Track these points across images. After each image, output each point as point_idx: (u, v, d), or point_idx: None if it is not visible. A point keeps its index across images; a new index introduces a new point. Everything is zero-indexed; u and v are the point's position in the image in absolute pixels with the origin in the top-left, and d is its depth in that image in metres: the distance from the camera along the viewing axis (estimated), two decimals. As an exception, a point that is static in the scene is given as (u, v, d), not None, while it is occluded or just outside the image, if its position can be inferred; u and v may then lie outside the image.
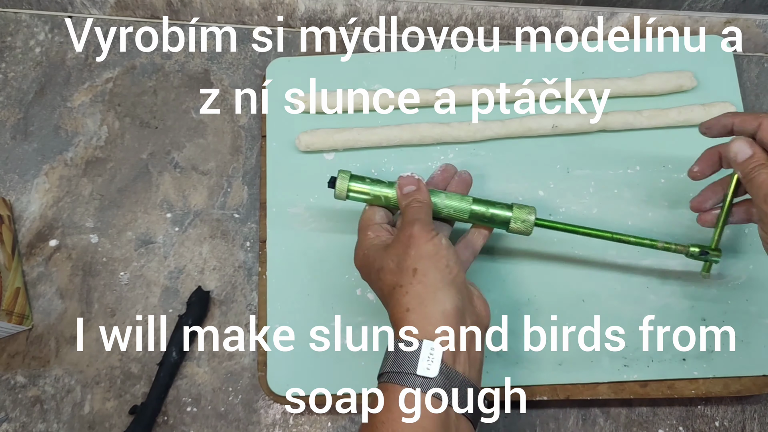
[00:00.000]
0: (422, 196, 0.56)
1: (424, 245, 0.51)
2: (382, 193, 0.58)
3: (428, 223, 0.53)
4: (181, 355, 0.66)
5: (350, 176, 0.58)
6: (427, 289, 0.49)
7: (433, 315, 0.48)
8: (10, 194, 0.72)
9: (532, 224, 0.58)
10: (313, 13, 0.76)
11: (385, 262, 0.52)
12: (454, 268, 0.51)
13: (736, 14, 0.74)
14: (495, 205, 0.59)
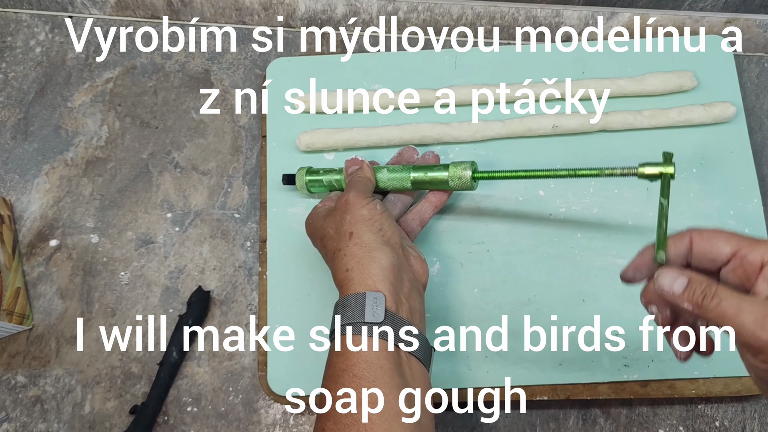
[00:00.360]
0: (362, 171, 0.61)
1: (358, 210, 0.55)
2: (333, 179, 0.64)
3: (364, 191, 0.58)
4: (181, 355, 0.66)
5: (306, 170, 0.65)
6: (362, 249, 0.52)
7: (371, 270, 0.51)
8: (10, 194, 0.72)
9: (469, 179, 0.60)
10: (313, 13, 0.76)
11: (326, 229, 0.56)
12: (388, 231, 0.55)
13: (737, 14, 0.74)
14: (433, 168, 0.61)
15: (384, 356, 0.48)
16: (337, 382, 0.47)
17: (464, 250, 0.66)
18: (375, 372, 0.47)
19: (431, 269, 0.66)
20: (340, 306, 0.51)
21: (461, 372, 0.63)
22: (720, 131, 0.69)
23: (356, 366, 0.47)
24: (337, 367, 0.48)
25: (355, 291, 0.50)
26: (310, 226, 0.60)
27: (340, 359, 0.48)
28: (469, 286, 0.65)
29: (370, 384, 0.46)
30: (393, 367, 0.48)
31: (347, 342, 0.49)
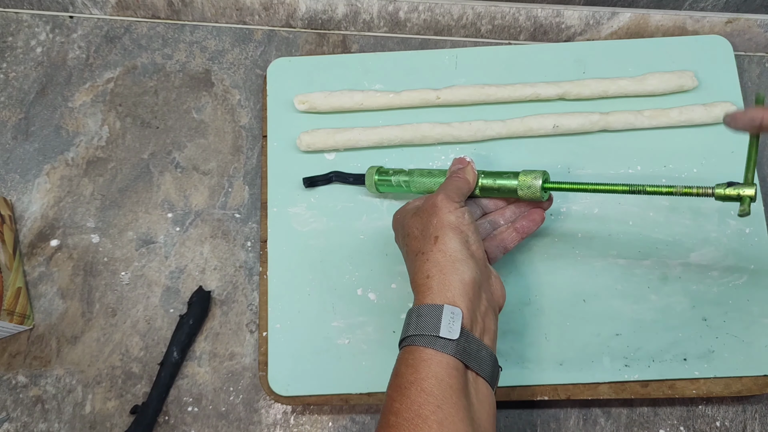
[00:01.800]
0: (463, 173, 0.59)
1: (445, 215, 0.53)
2: (401, 180, 0.64)
3: (454, 196, 0.55)
4: (182, 355, 0.66)
5: (376, 169, 0.65)
6: (446, 258, 0.50)
7: (453, 282, 0.49)
8: (11, 194, 0.72)
9: (538, 189, 0.58)
10: (314, 13, 0.76)
11: (411, 228, 0.54)
12: (474, 244, 0.52)
13: (737, 14, 0.74)
14: (502, 176, 0.59)
15: (454, 375, 0.46)
16: (404, 394, 0.46)
17: (465, 250, 0.66)
18: (444, 391, 0.46)
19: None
20: (415, 314, 0.49)
21: (462, 372, 0.63)
22: (721, 131, 0.69)
23: (425, 381, 0.46)
24: (405, 379, 0.47)
25: (433, 302, 0.49)
26: (397, 221, 0.58)
27: (409, 371, 0.47)
28: (469, 286, 0.65)
29: (439, 402, 0.45)
30: (462, 388, 0.47)
31: (418, 354, 0.47)
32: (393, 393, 0.47)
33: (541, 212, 0.60)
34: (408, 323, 0.50)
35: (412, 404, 0.45)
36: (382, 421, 0.46)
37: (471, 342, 0.48)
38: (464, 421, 0.45)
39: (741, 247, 0.65)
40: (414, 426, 0.44)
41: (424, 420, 0.44)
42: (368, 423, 0.65)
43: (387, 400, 0.47)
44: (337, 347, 0.64)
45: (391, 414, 0.46)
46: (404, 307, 0.64)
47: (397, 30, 0.77)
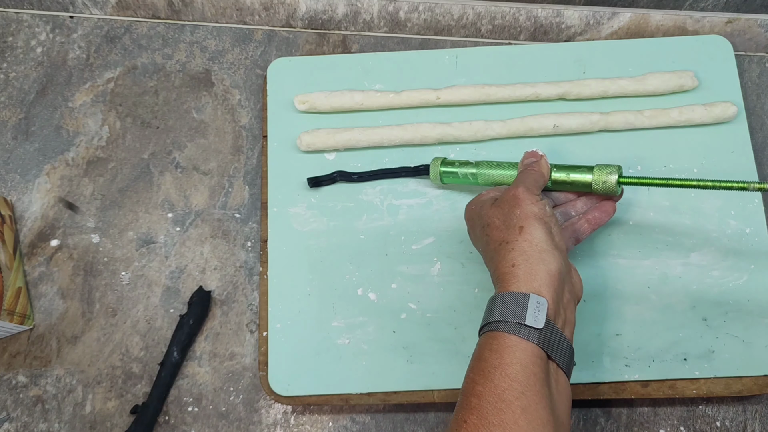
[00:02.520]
0: (538, 166, 0.60)
1: (528, 206, 0.53)
2: (468, 172, 0.64)
3: (534, 188, 0.56)
4: (182, 355, 0.66)
5: (441, 161, 0.66)
6: (532, 247, 0.51)
7: (538, 273, 0.49)
8: (11, 194, 0.72)
9: (614, 184, 0.58)
10: (314, 13, 0.76)
11: (492, 219, 0.54)
12: (557, 235, 0.53)
13: (738, 14, 0.74)
14: (575, 170, 0.60)
15: (538, 364, 0.47)
16: (488, 378, 0.46)
17: (465, 250, 0.66)
18: (528, 377, 0.46)
19: (432, 269, 0.66)
20: (499, 301, 0.49)
21: (462, 372, 0.62)
22: (721, 131, 0.69)
23: (510, 366, 0.46)
24: (489, 363, 0.47)
25: (518, 290, 0.49)
26: (472, 211, 0.58)
27: (493, 355, 0.47)
28: (470, 285, 0.65)
29: (523, 388, 0.45)
30: (545, 377, 0.47)
31: (503, 340, 0.47)
32: (475, 376, 0.47)
33: (613, 203, 0.61)
34: (491, 309, 0.50)
35: (495, 388, 0.45)
36: (464, 402, 0.46)
37: (554, 333, 0.48)
38: (546, 409, 0.45)
39: (741, 247, 0.65)
40: (497, 410, 0.44)
41: (507, 405, 0.44)
42: (368, 423, 0.65)
43: (468, 383, 0.47)
44: (337, 347, 0.64)
45: (473, 396, 0.46)
46: (404, 307, 0.64)
47: (397, 30, 0.77)
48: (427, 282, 0.65)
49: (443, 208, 0.68)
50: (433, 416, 0.65)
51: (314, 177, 0.68)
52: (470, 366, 0.49)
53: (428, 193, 0.68)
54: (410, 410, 0.65)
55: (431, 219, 0.67)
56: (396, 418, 0.65)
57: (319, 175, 0.68)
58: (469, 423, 0.45)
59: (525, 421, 0.44)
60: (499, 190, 0.59)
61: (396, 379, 0.63)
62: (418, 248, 0.66)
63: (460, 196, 0.68)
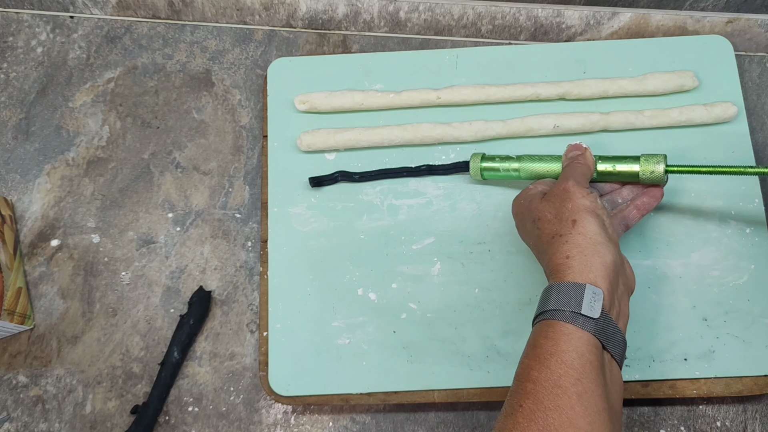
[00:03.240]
0: (583, 158, 0.60)
1: (580, 200, 0.53)
2: (511, 167, 0.64)
3: (583, 181, 0.57)
4: (182, 355, 0.66)
5: (481, 156, 0.65)
6: (587, 240, 0.51)
7: (594, 264, 0.50)
8: (11, 194, 0.72)
9: (662, 174, 0.59)
10: (314, 13, 0.76)
11: (543, 213, 0.55)
12: (610, 228, 0.53)
13: (738, 14, 0.74)
14: (621, 160, 0.60)
15: (593, 352, 0.47)
16: (544, 364, 0.46)
17: (465, 250, 0.66)
18: (584, 365, 0.46)
19: (432, 269, 0.66)
20: (555, 291, 0.49)
21: (462, 372, 0.63)
22: (721, 131, 0.69)
23: (566, 353, 0.46)
24: (545, 350, 0.47)
25: (574, 280, 0.49)
26: (520, 206, 0.59)
27: (548, 342, 0.47)
28: (470, 285, 0.65)
29: (579, 375, 0.45)
30: (600, 366, 0.47)
31: (558, 328, 0.48)
32: (530, 362, 0.47)
33: (661, 188, 0.61)
34: (546, 299, 0.50)
35: (551, 374, 0.45)
36: (518, 387, 0.46)
37: (609, 324, 0.48)
38: (602, 397, 0.45)
39: (741, 247, 0.65)
40: (553, 395, 0.45)
41: (564, 391, 0.45)
42: (368, 423, 0.65)
43: (523, 369, 0.47)
44: (337, 347, 0.64)
45: (529, 381, 0.46)
46: (404, 307, 0.64)
47: (397, 30, 0.77)
48: (428, 282, 0.65)
49: (443, 208, 0.68)
50: (434, 416, 0.65)
51: (316, 177, 0.68)
52: (525, 353, 0.49)
53: (428, 193, 0.68)
54: (410, 410, 0.65)
55: (431, 219, 0.67)
56: (396, 418, 0.65)
57: (321, 175, 0.68)
58: (525, 407, 0.45)
59: (581, 407, 0.44)
60: (545, 184, 0.60)
61: (396, 379, 0.63)
62: (418, 248, 0.66)
63: (461, 196, 0.68)
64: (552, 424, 0.44)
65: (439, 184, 0.69)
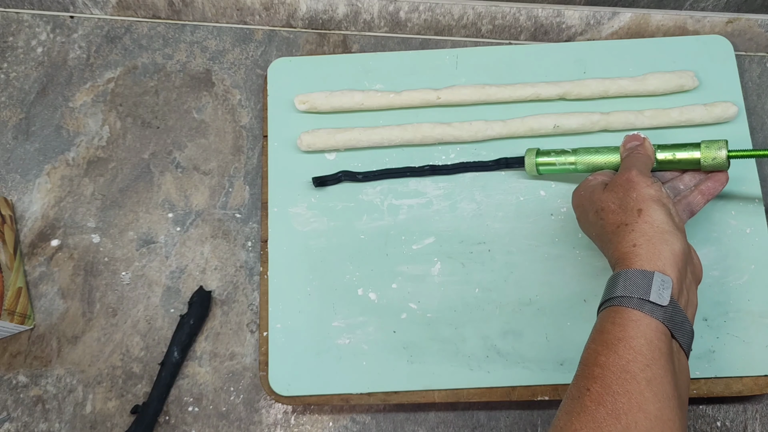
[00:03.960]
0: (643, 149, 0.60)
1: (644, 189, 0.53)
2: (567, 161, 0.64)
3: (646, 170, 0.56)
4: (182, 355, 0.66)
5: (536, 152, 0.65)
6: (654, 229, 0.50)
7: (662, 252, 0.49)
8: (12, 194, 0.72)
9: (724, 159, 0.59)
10: (314, 13, 0.76)
11: (606, 203, 0.54)
12: (676, 216, 0.53)
13: (738, 14, 0.74)
14: (681, 148, 0.60)
15: (662, 339, 0.46)
16: (611, 349, 0.46)
17: (465, 250, 0.66)
18: (653, 352, 0.45)
19: (432, 269, 0.66)
20: (622, 278, 0.49)
21: (463, 372, 0.63)
22: (721, 131, 0.69)
23: (635, 339, 0.46)
24: (613, 335, 0.46)
25: (642, 267, 0.49)
26: (581, 197, 0.58)
27: (616, 328, 0.47)
28: (470, 286, 0.65)
29: (648, 361, 0.45)
30: (669, 353, 0.46)
31: (626, 314, 0.47)
32: (597, 347, 0.47)
33: (726, 173, 0.61)
34: (613, 286, 0.49)
35: (619, 359, 0.45)
36: (585, 371, 0.46)
37: (677, 312, 0.48)
38: (671, 384, 0.45)
39: (741, 247, 0.65)
40: (621, 380, 0.44)
41: (632, 376, 0.44)
42: (368, 423, 0.65)
43: (589, 354, 0.47)
44: (337, 347, 0.64)
45: (596, 366, 0.46)
46: (405, 307, 0.64)
47: (397, 30, 0.77)
48: (428, 282, 0.65)
49: (443, 208, 0.68)
50: (434, 416, 0.65)
51: (319, 177, 0.68)
52: (591, 338, 0.48)
53: (428, 193, 0.68)
54: (410, 410, 0.65)
55: (431, 219, 0.67)
56: (396, 418, 0.65)
57: (324, 175, 0.68)
58: (593, 391, 0.44)
59: (650, 392, 0.44)
60: (605, 175, 0.59)
61: (396, 379, 0.63)
62: (418, 248, 0.66)
63: (461, 196, 0.68)
64: (621, 408, 0.43)
65: (439, 184, 0.69)
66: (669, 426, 0.44)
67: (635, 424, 0.43)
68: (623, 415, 0.43)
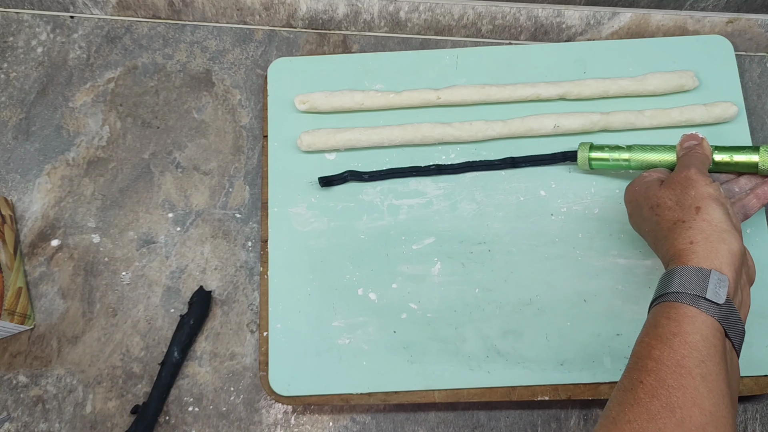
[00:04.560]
0: (701, 148, 0.60)
1: (703, 187, 0.53)
2: (621, 157, 0.64)
3: (704, 169, 0.57)
4: (182, 355, 0.66)
5: (590, 146, 0.65)
6: (712, 227, 0.51)
7: (719, 251, 0.49)
8: (12, 194, 0.72)
9: None
10: (314, 13, 0.76)
11: (663, 199, 0.55)
12: (734, 216, 0.53)
13: (738, 14, 0.74)
14: (739, 151, 0.61)
15: (717, 337, 0.46)
16: (666, 343, 0.46)
17: (465, 250, 0.66)
18: (708, 348, 0.45)
19: (432, 269, 0.66)
20: (677, 274, 0.49)
21: (463, 372, 0.63)
22: (722, 131, 0.69)
23: (690, 335, 0.46)
24: (667, 330, 0.47)
25: (698, 265, 0.49)
26: (635, 192, 0.59)
27: (671, 323, 0.47)
28: (470, 286, 0.65)
29: (703, 357, 0.45)
30: (723, 351, 0.47)
31: (681, 310, 0.47)
32: (651, 341, 0.47)
33: None
34: (667, 282, 0.49)
35: (674, 354, 0.45)
36: (638, 364, 0.46)
37: (732, 311, 0.48)
38: (725, 382, 0.45)
39: (742, 247, 0.65)
40: (676, 375, 0.44)
41: (687, 371, 0.44)
42: (369, 423, 0.65)
43: (642, 347, 0.47)
44: (337, 347, 0.64)
45: (650, 359, 0.46)
46: (405, 307, 0.64)
47: (397, 30, 0.77)
48: (428, 282, 0.65)
49: (443, 208, 0.68)
50: (434, 416, 0.65)
51: (325, 177, 0.68)
52: (644, 332, 0.48)
53: (429, 193, 0.68)
54: (411, 410, 0.65)
55: (432, 219, 0.67)
56: (396, 418, 0.65)
57: (331, 175, 0.68)
58: (646, 384, 0.45)
59: (705, 388, 0.44)
60: (661, 172, 0.60)
61: (396, 379, 0.63)
62: (418, 248, 0.66)
63: (461, 196, 0.68)
64: (675, 402, 0.43)
65: (439, 184, 0.69)
66: (723, 423, 0.44)
67: (690, 418, 0.43)
68: (678, 409, 0.43)
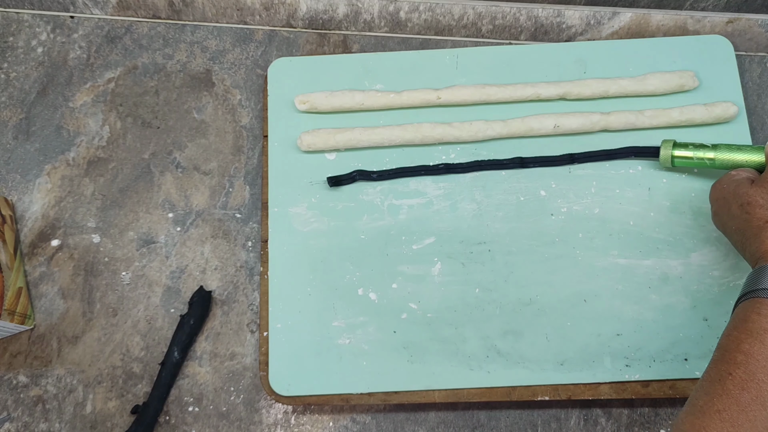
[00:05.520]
0: None
1: None
2: (705, 156, 0.64)
3: None
4: (182, 355, 0.66)
5: (673, 144, 0.65)
6: None
7: None
8: (12, 194, 0.72)
9: None
10: (314, 13, 0.76)
11: (754, 197, 0.55)
12: None
13: (738, 14, 0.74)
14: None
15: None
16: (757, 338, 0.46)
17: (466, 250, 0.66)
18: None
19: (432, 269, 0.66)
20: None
21: (463, 372, 0.63)
22: (722, 131, 0.69)
23: None
24: (758, 325, 0.47)
25: None
26: (723, 190, 0.59)
27: (762, 319, 0.47)
28: (470, 286, 0.65)
29: None
30: None
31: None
32: (741, 335, 0.47)
33: None
34: (757, 279, 0.50)
35: (765, 349, 0.46)
36: (726, 357, 0.47)
37: None
38: None
39: (742, 247, 0.65)
40: (767, 369, 0.45)
41: None
42: (369, 423, 0.65)
43: (731, 341, 0.48)
44: (337, 347, 0.64)
45: (739, 353, 0.46)
46: (405, 307, 0.64)
47: (397, 30, 0.77)
48: (428, 282, 0.65)
49: (444, 208, 0.68)
50: (434, 416, 0.65)
51: (334, 176, 0.68)
52: (732, 326, 0.49)
53: (429, 193, 0.68)
54: (411, 410, 0.65)
55: (432, 219, 0.67)
56: (396, 418, 0.65)
57: (340, 175, 0.68)
58: (735, 376, 0.45)
59: None
60: (749, 172, 0.60)
61: (396, 379, 0.63)
62: (418, 248, 0.66)
63: (461, 196, 0.68)
64: (766, 396, 0.44)
65: (439, 184, 0.69)
66: None
67: None
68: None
